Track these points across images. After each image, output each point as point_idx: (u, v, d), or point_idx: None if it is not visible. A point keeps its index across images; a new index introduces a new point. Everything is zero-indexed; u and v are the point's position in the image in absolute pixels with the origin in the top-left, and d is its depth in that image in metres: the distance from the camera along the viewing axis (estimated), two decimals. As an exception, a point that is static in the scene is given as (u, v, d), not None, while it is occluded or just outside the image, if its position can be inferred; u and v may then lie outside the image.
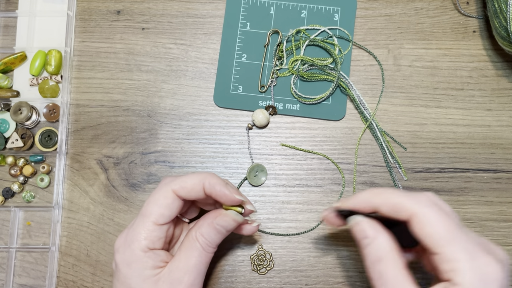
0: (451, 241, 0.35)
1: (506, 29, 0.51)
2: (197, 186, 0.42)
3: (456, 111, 0.56)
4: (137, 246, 0.41)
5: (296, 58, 0.56)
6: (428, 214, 0.36)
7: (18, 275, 0.54)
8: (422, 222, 0.36)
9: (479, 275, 0.34)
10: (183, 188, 0.42)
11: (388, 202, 0.38)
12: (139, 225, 0.42)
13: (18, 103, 0.54)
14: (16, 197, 0.55)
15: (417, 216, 0.36)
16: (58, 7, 0.58)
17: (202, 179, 0.42)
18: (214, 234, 0.42)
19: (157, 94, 0.56)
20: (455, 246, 0.35)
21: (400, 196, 0.38)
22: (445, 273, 0.35)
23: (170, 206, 0.42)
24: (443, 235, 0.35)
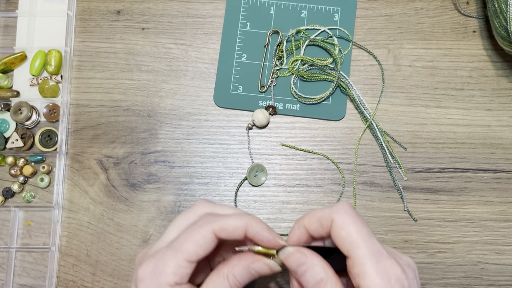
0: (361, 245, 0.36)
1: (506, 29, 0.51)
2: (239, 230, 0.40)
3: (456, 111, 0.56)
4: (164, 280, 0.39)
5: (296, 58, 0.56)
6: (344, 219, 0.38)
7: (18, 275, 0.54)
8: (339, 226, 0.37)
9: (385, 279, 0.35)
10: (224, 230, 0.40)
11: (313, 217, 0.39)
12: (170, 259, 0.40)
13: (18, 103, 0.54)
14: (16, 197, 0.55)
15: (335, 221, 0.38)
16: (58, 7, 0.58)
17: (245, 223, 0.40)
18: (247, 278, 0.40)
19: (157, 94, 0.56)
20: (364, 250, 0.36)
21: (321, 209, 0.40)
22: (354, 278, 0.36)
23: (206, 246, 0.40)
24: (355, 238, 0.37)
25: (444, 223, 0.54)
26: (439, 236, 0.54)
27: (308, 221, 0.40)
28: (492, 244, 0.53)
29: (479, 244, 0.53)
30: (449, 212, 0.54)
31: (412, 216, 0.54)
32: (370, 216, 0.54)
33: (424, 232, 0.54)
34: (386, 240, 0.53)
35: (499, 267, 0.53)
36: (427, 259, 0.53)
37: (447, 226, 0.54)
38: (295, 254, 0.39)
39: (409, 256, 0.53)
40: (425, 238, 0.54)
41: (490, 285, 0.53)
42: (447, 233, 0.54)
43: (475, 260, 0.53)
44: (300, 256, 0.39)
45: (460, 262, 0.53)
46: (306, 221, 0.40)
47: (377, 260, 0.36)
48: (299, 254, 0.39)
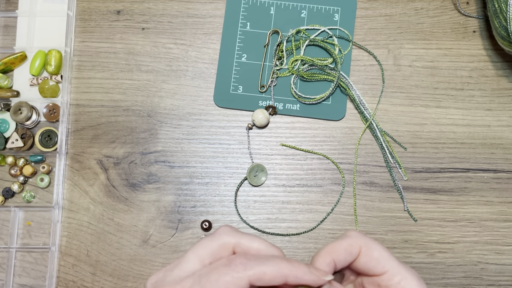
0: (393, 258, 0.40)
1: (506, 29, 0.51)
2: (278, 279, 0.38)
3: (456, 111, 0.56)
4: None
5: (296, 58, 0.56)
6: (371, 242, 0.41)
7: (18, 275, 0.54)
8: (372, 248, 0.40)
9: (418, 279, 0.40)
10: (261, 280, 0.37)
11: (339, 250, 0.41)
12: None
13: (18, 103, 0.54)
14: (16, 197, 0.55)
15: (366, 245, 0.41)
16: (58, 7, 0.58)
17: (287, 273, 0.38)
18: None
19: (157, 94, 0.56)
20: (396, 261, 0.40)
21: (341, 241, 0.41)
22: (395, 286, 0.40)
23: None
24: (387, 255, 0.40)
25: (444, 223, 0.54)
26: (439, 236, 0.54)
27: (335, 255, 0.41)
28: (492, 244, 0.53)
29: (479, 244, 0.53)
30: (449, 212, 0.54)
31: (412, 216, 0.54)
32: (370, 216, 0.54)
33: (424, 232, 0.54)
34: (386, 240, 0.53)
35: (499, 267, 0.53)
36: (427, 259, 0.53)
37: (447, 226, 0.54)
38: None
39: (409, 256, 0.53)
40: (425, 238, 0.54)
41: (490, 285, 0.53)
42: (447, 233, 0.54)
43: (475, 260, 0.53)
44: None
45: (460, 262, 0.53)
46: (334, 256, 0.40)
47: (405, 267, 0.41)
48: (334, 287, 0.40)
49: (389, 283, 0.40)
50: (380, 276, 0.41)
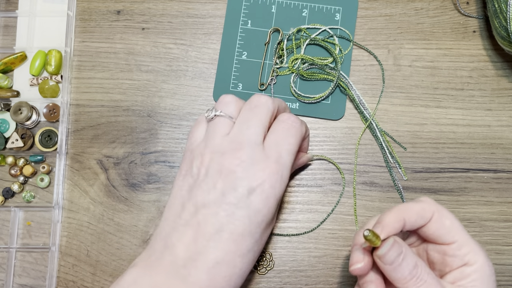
0: (464, 230, 0.41)
1: (506, 29, 0.51)
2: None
3: (456, 111, 0.56)
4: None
5: (297, 56, 0.56)
6: (445, 211, 0.41)
7: (18, 275, 0.54)
8: (443, 216, 0.41)
9: (485, 254, 0.40)
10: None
11: (411, 211, 0.41)
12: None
13: (18, 103, 0.54)
14: (16, 197, 0.55)
15: (438, 212, 0.41)
16: (58, 7, 0.58)
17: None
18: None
19: (157, 94, 0.56)
20: (466, 233, 0.41)
21: (413, 204, 0.42)
22: (462, 257, 0.40)
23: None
24: (458, 225, 0.41)
25: (444, 223, 0.54)
26: (439, 236, 0.54)
27: (407, 215, 0.41)
28: (492, 244, 0.53)
29: (479, 244, 0.53)
30: (449, 212, 0.54)
31: (412, 216, 0.54)
32: (371, 216, 0.54)
33: (424, 232, 0.54)
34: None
35: (499, 267, 0.53)
36: (427, 259, 0.53)
37: (447, 226, 0.54)
38: (396, 245, 0.39)
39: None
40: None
41: (490, 285, 0.53)
42: (447, 233, 0.54)
43: (475, 260, 0.53)
44: (398, 247, 0.39)
45: (460, 262, 0.53)
46: (406, 215, 0.41)
47: (474, 241, 0.41)
48: (398, 244, 0.39)
49: (456, 253, 0.40)
50: (448, 245, 0.41)
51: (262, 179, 0.40)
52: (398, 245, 0.39)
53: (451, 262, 0.41)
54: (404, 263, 0.39)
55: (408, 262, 0.39)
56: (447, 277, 0.41)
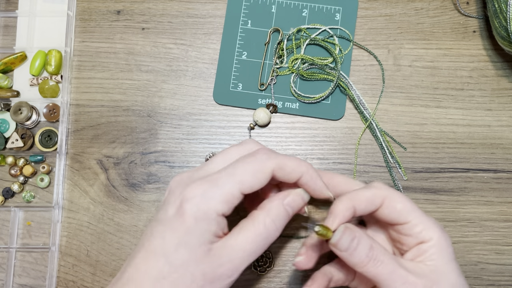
0: (416, 210, 0.42)
1: (506, 29, 0.51)
2: (296, 173, 0.41)
3: (456, 111, 0.56)
4: (214, 206, 0.38)
5: (297, 56, 0.56)
6: (395, 195, 0.42)
7: (18, 275, 0.54)
8: (394, 200, 0.42)
9: (441, 228, 0.42)
10: (282, 169, 0.40)
11: (360, 198, 0.42)
12: (224, 185, 0.39)
13: (18, 103, 0.54)
14: (16, 197, 0.55)
15: (388, 197, 0.42)
16: (58, 7, 0.58)
17: (303, 169, 0.41)
18: (284, 218, 0.40)
19: (157, 94, 0.56)
20: (418, 212, 0.42)
21: (363, 190, 0.43)
22: (416, 236, 0.41)
23: (262, 183, 0.40)
24: (410, 206, 0.42)
25: (444, 223, 0.54)
26: (439, 236, 0.54)
27: (357, 203, 0.42)
28: (492, 244, 0.53)
29: (479, 244, 0.53)
30: (449, 212, 0.54)
31: (412, 216, 0.54)
32: (370, 216, 0.54)
33: (424, 232, 0.54)
34: (386, 240, 0.53)
35: (499, 267, 0.53)
36: (427, 259, 0.53)
37: (447, 226, 0.54)
38: (347, 231, 0.40)
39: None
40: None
41: (490, 285, 0.53)
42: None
43: (475, 260, 0.53)
44: (350, 233, 0.40)
45: (460, 262, 0.53)
46: (355, 203, 0.42)
47: (429, 218, 0.42)
48: (349, 231, 0.40)
49: (411, 232, 0.42)
50: (402, 225, 0.42)
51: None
52: (350, 231, 0.40)
53: (407, 241, 0.42)
54: (360, 247, 0.39)
55: (363, 245, 0.39)
56: (407, 255, 0.42)
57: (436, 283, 0.39)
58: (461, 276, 0.41)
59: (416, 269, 0.40)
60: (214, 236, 0.38)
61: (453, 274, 0.40)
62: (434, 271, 0.40)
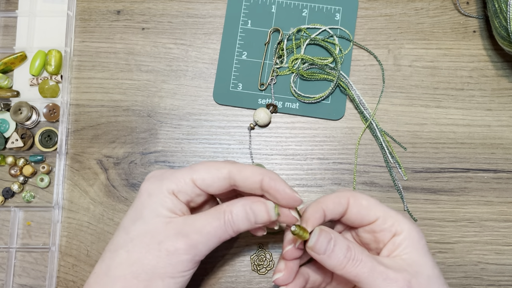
0: (382, 206, 0.43)
1: (506, 29, 0.51)
2: (255, 177, 0.41)
3: (456, 111, 0.56)
4: (165, 184, 0.41)
5: (297, 56, 0.56)
6: (359, 194, 0.43)
7: (18, 275, 0.54)
8: (358, 198, 0.43)
9: (411, 221, 0.43)
10: (240, 172, 0.42)
11: (328, 201, 0.43)
12: (180, 172, 0.42)
13: (18, 103, 0.54)
14: (16, 197, 0.55)
15: (353, 196, 0.43)
16: (58, 7, 0.58)
17: (262, 173, 0.41)
18: (242, 219, 0.41)
19: (157, 94, 0.56)
20: (386, 208, 0.43)
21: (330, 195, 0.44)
22: (389, 229, 0.42)
23: (215, 179, 0.41)
24: (375, 203, 0.43)
25: (444, 223, 0.54)
26: (439, 236, 0.54)
27: (324, 205, 0.43)
28: (492, 244, 0.53)
29: (479, 244, 0.53)
30: (449, 212, 0.54)
31: (412, 216, 0.54)
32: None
33: (424, 232, 0.54)
34: (386, 240, 0.53)
35: (499, 267, 0.53)
36: (427, 259, 0.53)
37: (447, 226, 0.54)
38: (323, 233, 0.41)
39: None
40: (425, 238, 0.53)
41: (490, 285, 0.53)
42: (447, 233, 0.54)
43: (475, 260, 0.53)
44: (326, 234, 0.41)
45: (460, 262, 0.53)
46: (323, 205, 0.43)
47: (397, 212, 0.43)
48: (325, 232, 0.41)
49: (383, 227, 0.42)
50: (374, 223, 0.43)
51: None
52: (325, 232, 0.41)
53: (381, 237, 0.43)
54: (337, 248, 0.40)
55: (340, 247, 0.40)
56: (383, 252, 0.42)
57: (415, 276, 0.39)
58: (436, 267, 0.41)
59: (394, 265, 0.40)
60: (170, 212, 0.41)
61: (429, 266, 0.41)
62: (411, 265, 0.40)
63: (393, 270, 0.39)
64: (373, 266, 0.39)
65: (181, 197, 0.42)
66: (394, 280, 0.39)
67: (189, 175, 0.41)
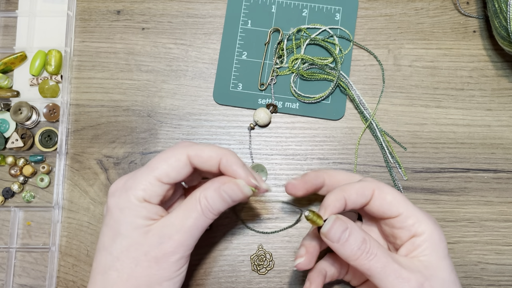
0: (408, 203, 0.42)
1: (506, 29, 0.51)
2: (214, 159, 0.41)
3: (456, 111, 0.56)
4: (133, 193, 0.40)
5: (297, 56, 0.56)
6: (386, 188, 0.43)
7: (18, 275, 0.54)
8: (384, 192, 0.42)
9: (434, 221, 0.42)
10: (199, 156, 0.41)
11: (351, 190, 0.43)
12: (141, 176, 0.41)
13: (18, 103, 0.54)
14: (16, 197, 0.55)
15: (379, 189, 0.43)
16: (58, 7, 0.58)
17: (220, 154, 0.41)
18: (219, 201, 0.41)
19: (157, 94, 0.56)
20: (410, 205, 0.42)
21: (354, 184, 0.43)
22: (409, 229, 0.41)
23: (179, 169, 0.41)
24: (401, 199, 0.42)
25: (444, 223, 0.54)
26: (439, 236, 0.54)
27: (347, 194, 0.42)
28: (492, 244, 0.53)
29: (479, 244, 0.53)
30: (449, 212, 0.54)
31: (412, 216, 0.54)
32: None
33: (424, 232, 0.54)
34: (386, 240, 0.53)
35: (499, 267, 0.53)
36: (427, 259, 0.53)
37: (447, 226, 0.54)
38: (338, 221, 0.40)
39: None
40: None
41: (490, 285, 0.53)
42: (447, 233, 0.54)
43: (475, 260, 0.53)
44: (341, 223, 0.40)
45: (460, 262, 0.53)
46: (346, 194, 0.42)
47: (421, 211, 0.42)
48: (340, 221, 0.41)
49: (403, 224, 0.42)
50: (395, 219, 0.42)
51: None
52: (340, 221, 0.40)
53: (400, 234, 0.42)
54: (352, 238, 0.40)
55: (356, 237, 0.40)
56: (401, 250, 0.42)
57: (429, 279, 0.39)
58: (453, 272, 0.41)
59: (409, 264, 0.40)
60: (147, 220, 0.40)
61: (446, 271, 0.41)
62: (427, 267, 0.40)
63: (407, 270, 0.39)
64: (387, 262, 0.39)
65: (153, 200, 0.41)
66: (406, 279, 0.39)
67: (153, 175, 0.40)
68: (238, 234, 0.53)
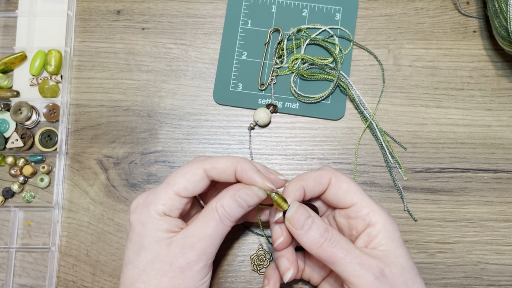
0: (362, 193, 0.44)
1: (506, 29, 0.51)
2: (229, 168, 0.43)
3: (456, 111, 0.56)
4: (153, 208, 0.42)
5: (297, 56, 0.56)
6: (342, 176, 0.45)
7: (18, 275, 0.54)
8: (340, 180, 0.44)
9: (386, 212, 0.44)
10: (215, 168, 0.43)
11: (309, 179, 0.44)
12: (161, 191, 0.42)
13: (18, 103, 0.54)
14: (16, 197, 0.55)
15: (335, 177, 0.44)
16: (58, 7, 0.58)
17: (235, 163, 0.43)
18: (235, 207, 0.42)
19: (157, 94, 0.56)
20: (366, 196, 0.44)
21: (311, 173, 0.45)
22: (364, 218, 0.43)
23: (196, 183, 0.43)
24: (355, 188, 0.44)
25: (444, 223, 0.54)
26: (439, 236, 0.54)
27: (305, 182, 0.44)
28: (492, 244, 0.53)
29: (479, 244, 0.53)
30: (449, 212, 0.54)
31: (412, 216, 0.54)
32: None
33: (424, 232, 0.54)
34: (386, 240, 0.53)
35: (499, 267, 0.53)
36: (427, 259, 0.53)
37: (447, 226, 0.54)
38: (301, 208, 0.42)
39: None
40: (425, 238, 0.54)
41: (490, 285, 0.53)
42: (447, 233, 0.54)
43: (475, 260, 0.53)
44: (304, 210, 0.42)
45: (460, 262, 0.53)
46: (304, 183, 0.44)
47: (375, 202, 0.44)
48: (304, 208, 0.43)
49: (358, 214, 0.44)
50: (350, 208, 0.44)
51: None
52: (303, 208, 0.42)
53: (355, 225, 0.44)
54: (315, 226, 0.41)
55: (318, 226, 0.42)
56: (358, 242, 0.43)
57: (389, 265, 0.41)
58: (410, 259, 0.42)
59: (369, 252, 0.41)
60: (168, 232, 0.42)
61: (404, 258, 0.42)
62: (386, 255, 0.41)
63: (369, 256, 0.41)
64: (350, 250, 0.41)
65: (173, 214, 0.42)
66: (368, 265, 0.40)
67: (172, 190, 0.42)
68: (238, 234, 0.53)
